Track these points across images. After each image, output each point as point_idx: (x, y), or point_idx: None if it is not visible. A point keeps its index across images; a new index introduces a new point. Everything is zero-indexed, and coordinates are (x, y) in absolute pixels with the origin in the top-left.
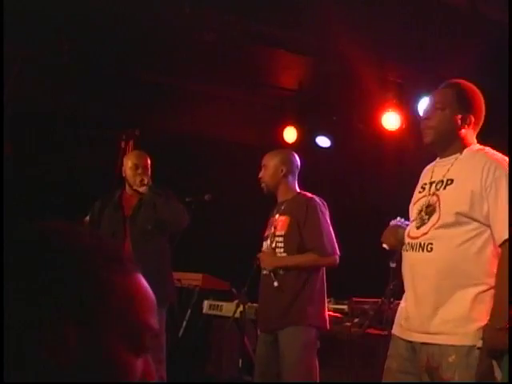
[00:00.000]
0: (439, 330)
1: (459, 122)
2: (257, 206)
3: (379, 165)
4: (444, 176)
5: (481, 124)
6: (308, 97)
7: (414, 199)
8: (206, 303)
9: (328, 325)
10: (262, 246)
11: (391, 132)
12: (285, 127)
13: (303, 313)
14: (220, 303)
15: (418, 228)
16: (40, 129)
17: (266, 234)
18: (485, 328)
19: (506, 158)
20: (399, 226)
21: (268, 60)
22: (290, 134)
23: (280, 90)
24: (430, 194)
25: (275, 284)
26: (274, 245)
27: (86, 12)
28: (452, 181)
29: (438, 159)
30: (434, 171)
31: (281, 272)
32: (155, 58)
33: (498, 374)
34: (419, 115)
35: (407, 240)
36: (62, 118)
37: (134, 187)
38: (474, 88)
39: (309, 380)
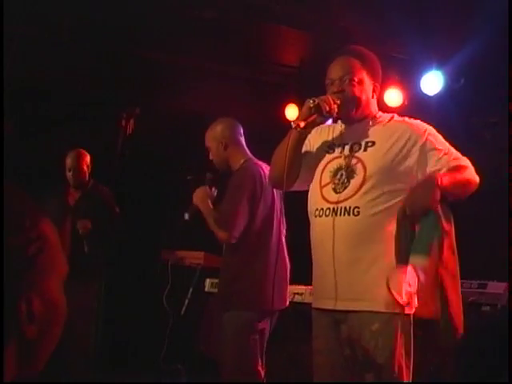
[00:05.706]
0: (362, 296)
1: (371, 93)
2: None
3: None
4: (360, 138)
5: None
6: (310, 73)
7: (323, 161)
8: (207, 281)
9: (285, 303)
10: None
11: (393, 109)
12: (286, 105)
13: (243, 295)
14: None
15: (337, 192)
16: (39, 107)
17: None
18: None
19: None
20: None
21: (269, 36)
22: (292, 112)
23: (281, 67)
24: (346, 156)
25: (186, 217)
26: None
27: None
28: (373, 143)
29: (340, 123)
30: (342, 133)
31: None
32: (156, 35)
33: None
34: (422, 92)
35: (325, 205)
36: (62, 97)
37: None
38: (373, 54)
39: (241, 366)
